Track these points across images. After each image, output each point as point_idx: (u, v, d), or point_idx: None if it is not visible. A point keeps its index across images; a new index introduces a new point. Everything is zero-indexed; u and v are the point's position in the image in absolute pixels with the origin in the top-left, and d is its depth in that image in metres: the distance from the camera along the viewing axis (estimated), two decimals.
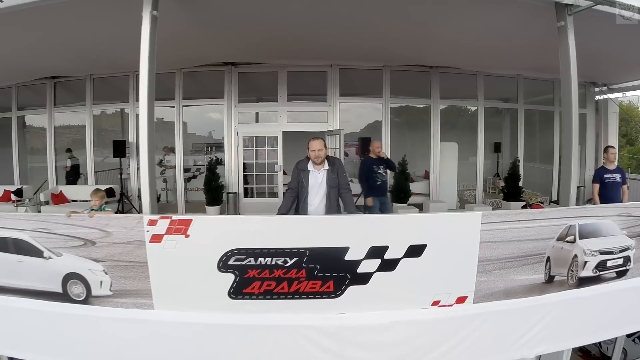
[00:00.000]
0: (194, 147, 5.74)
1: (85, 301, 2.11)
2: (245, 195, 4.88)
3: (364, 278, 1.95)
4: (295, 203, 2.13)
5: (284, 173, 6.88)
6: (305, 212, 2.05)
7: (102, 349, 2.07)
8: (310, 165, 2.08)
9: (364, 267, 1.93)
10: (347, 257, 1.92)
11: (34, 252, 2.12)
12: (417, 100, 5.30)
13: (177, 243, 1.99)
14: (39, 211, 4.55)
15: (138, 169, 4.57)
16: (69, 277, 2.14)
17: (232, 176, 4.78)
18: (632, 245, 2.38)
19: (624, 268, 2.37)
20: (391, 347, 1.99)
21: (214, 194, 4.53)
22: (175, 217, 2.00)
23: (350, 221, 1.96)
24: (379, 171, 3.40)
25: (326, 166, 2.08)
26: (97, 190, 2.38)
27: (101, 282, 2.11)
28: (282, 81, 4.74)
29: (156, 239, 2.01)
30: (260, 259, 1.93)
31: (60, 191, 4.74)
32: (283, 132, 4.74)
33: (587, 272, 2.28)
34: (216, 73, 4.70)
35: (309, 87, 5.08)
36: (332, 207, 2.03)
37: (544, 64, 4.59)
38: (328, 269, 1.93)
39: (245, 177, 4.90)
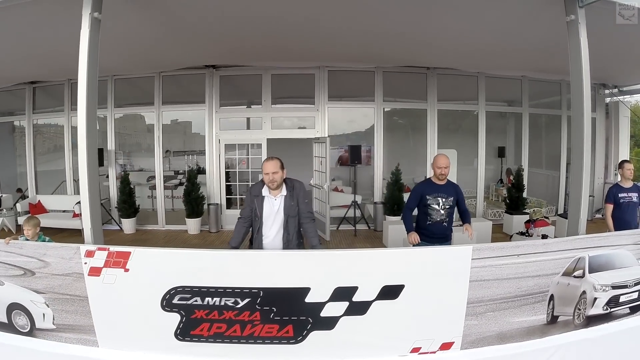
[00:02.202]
0: (175, 154, 5.50)
1: (30, 333, 1.97)
2: (228, 207, 4.62)
3: (329, 323, 1.66)
4: (249, 234, 1.84)
5: None
6: (259, 246, 1.74)
7: None
8: (265, 191, 1.76)
9: (329, 311, 1.65)
10: (309, 299, 1.64)
11: None
12: (413, 103, 4.95)
13: (116, 278, 1.76)
14: (17, 222, 4.42)
15: (120, 180, 4.47)
16: (13, 308, 2.02)
17: (213, 186, 4.53)
18: None
19: (639, 302, 2.09)
20: None
21: (194, 206, 4.28)
22: (112, 248, 1.76)
23: (310, 257, 1.66)
24: (434, 205, 2.05)
25: (284, 191, 1.75)
26: (30, 218, 2.15)
27: (44, 314, 1.97)
28: (266, 84, 4.46)
29: (95, 271, 1.80)
30: (207, 298, 1.67)
31: (39, 201, 4.58)
32: (267, 139, 4.46)
33: (597, 309, 2.00)
34: (197, 76, 4.45)
35: (296, 91, 4.78)
36: (291, 240, 1.71)
37: (551, 64, 4.22)
38: (286, 312, 1.65)
39: (228, 186, 4.64)
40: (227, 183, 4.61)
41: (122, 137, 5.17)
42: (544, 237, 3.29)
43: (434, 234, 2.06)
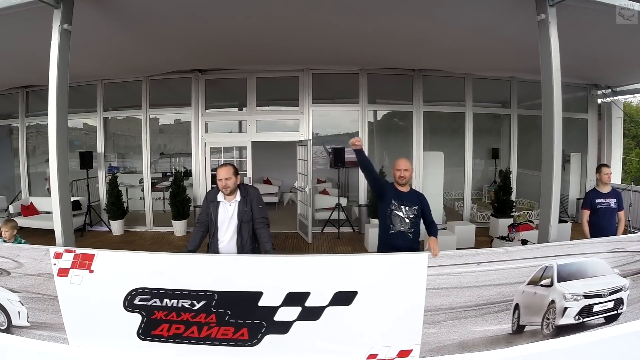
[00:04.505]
0: (165, 155, 5.60)
1: (7, 330, 2.04)
2: None
3: (283, 327, 1.68)
4: (205, 239, 1.88)
5: (269, 182, 6.69)
6: (215, 250, 1.79)
7: None
8: (220, 196, 1.82)
9: (282, 315, 1.67)
10: (262, 303, 1.66)
11: None
12: (398, 105, 4.94)
13: (82, 278, 1.82)
14: None
15: (107, 183, 4.57)
16: None
17: (200, 188, 4.60)
18: (626, 285, 2.02)
19: (614, 312, 2.01)
20: None
21: (179, 208, 4.36)
22: (78, 250, 1.82)
23: (262, 263, 1.68)
24: (397, 212, 1.85)
25: (238, 197, 1.80)
26: (8, 220, 2.24)
27: (19, 312, 2.04)
28: (251, 88, 4.51)
29: (63, 272, 1.86)
30: (165, 300, 1.71)
31: (31, 203, 4.70)
32: (252, 141, 4.50)
33: (568, 319, 1.93)
34: (184, 80, 4.53)
35: (281, 93, 4.82)
36: (245, 244, 1.76)
37: (538, 65, 4.14)
38: (240, 315, 1.68)
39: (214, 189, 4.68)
40: (213, 185, 4.66)
41: (126, 140, 5.29)
42: (524, 242, 3.24)
43: (397, 247, 1.81)
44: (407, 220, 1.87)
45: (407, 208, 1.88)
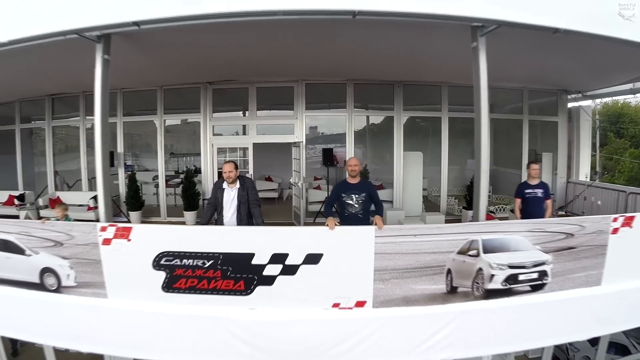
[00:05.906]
0: (178, 155, 6.26)
1: (57, 290, 2.53)
2: None
3: (269, 280, 2.27)
4: (214, 215, 2.54)
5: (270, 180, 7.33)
6: (221, 223, 2.46)
7: (69, 330, 2.52)
8: (225, 184, 2.51)
9: (269, 271, 2.26)
10: (254, 261, 2.26)
11: (18, 250, 2.61)
12: (381, 111, 5.53)
13: (122, 246, 2.42)
14: (39, 214, 5.21)
15: (126, 178, 5.24)
16: (45, 271, 2.61)
17: (208, 184, 5.24)
18: (549, 260, 2.39)
19: (540, 282, 2.38)
20: (295, 341, 2.29)
21: (190, 201, 5.02)
22: (120, 225, 2.43)
23: (254, 231, 2.31)
24: (348, 201, 2.55)
25: (238, 185, 2.48)
26: (60, 204, 2.91)
27: (68, 275, 2.56)
28: (252, 96, 5.15)
29: (106, 242, 2.45)
30: (184, 260, 2.31)
31: (58, 196, 5.37)
32: (253, 143, 5.13)
33: (495, 284, 2.31)
34: (193, 89, 5.18)
35: (278, 101, 5.46)
36: (242, 219, 2.41)
37: (508, 75, 4.69)
38: (239, 270, 2.27)
39: None
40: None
41: (133, 139, 5.94)
42: None
43: (350, 224, 2.50)
44: (357, 205, 2.53)
45: (356, 195, 2.55)
